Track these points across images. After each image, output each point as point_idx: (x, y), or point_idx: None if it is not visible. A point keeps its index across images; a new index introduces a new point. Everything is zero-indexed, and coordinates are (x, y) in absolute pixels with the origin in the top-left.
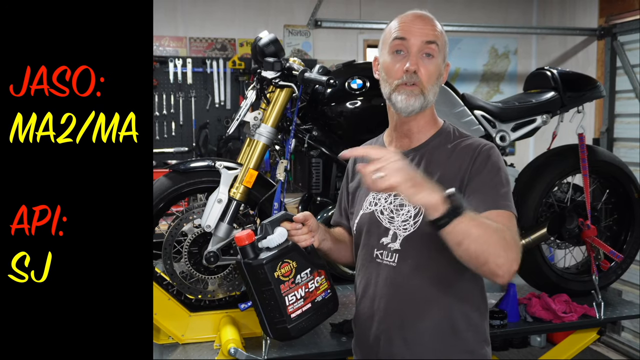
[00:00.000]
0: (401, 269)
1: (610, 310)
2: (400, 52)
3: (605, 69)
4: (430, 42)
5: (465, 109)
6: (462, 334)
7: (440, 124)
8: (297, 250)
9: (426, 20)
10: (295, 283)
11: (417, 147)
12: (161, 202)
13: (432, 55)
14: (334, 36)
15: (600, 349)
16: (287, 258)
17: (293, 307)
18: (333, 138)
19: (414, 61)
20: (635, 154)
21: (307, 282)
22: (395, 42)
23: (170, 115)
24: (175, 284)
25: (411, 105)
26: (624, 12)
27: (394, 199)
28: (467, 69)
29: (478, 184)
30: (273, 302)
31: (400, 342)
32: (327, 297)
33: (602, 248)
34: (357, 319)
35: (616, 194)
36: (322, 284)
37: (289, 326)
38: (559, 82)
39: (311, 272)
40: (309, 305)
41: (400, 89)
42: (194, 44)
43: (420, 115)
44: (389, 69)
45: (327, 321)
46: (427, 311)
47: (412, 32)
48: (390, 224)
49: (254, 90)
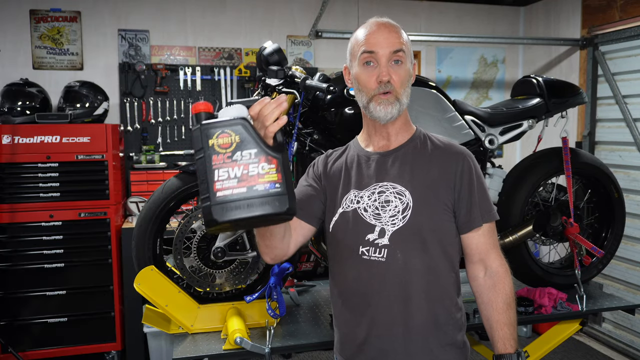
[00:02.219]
0: (391, 264)
1: (591, 302)
2: (370, 63)
3: (587, 77)
4: (397, 51)
5: (456, 114)
6: (443, 327)
7: (413, 128)
8: (246, 126)
9: (390, 28)
10: (233, 159)
11: (395, 148)
12: (172, 200)
13: (401, 61)
14: (334, 46)
15: (583, 338)
16: (230, 129)
17: (221, 185)
18: (333, 141)
19: (385, 72)
20: (615, 157)
21: (248, 163)
22: (364, 55)
23: (181, 120)
24: (185, 278)
25: (389, 113)
26: (605, 23)
27: (378, 196)
28: (458, 77)
29: (474, 196)
30: (202, 174)
31: (391, 339)
32: (272, 190)
33: (584, 244)
34: (342, 317)
35: (597, 194)
36: (270, 173)
37: (212, 205)
38: (544, 89)
39: (257, 154)
40: (243, 190)
41: (376, 99)
42: (203, 53)
43: (397, 118)
44: (362, 81)
45: (327, 312)
46: (417, 307)
47: (379, 44)
48: (377, 220)
49: (259, 97)
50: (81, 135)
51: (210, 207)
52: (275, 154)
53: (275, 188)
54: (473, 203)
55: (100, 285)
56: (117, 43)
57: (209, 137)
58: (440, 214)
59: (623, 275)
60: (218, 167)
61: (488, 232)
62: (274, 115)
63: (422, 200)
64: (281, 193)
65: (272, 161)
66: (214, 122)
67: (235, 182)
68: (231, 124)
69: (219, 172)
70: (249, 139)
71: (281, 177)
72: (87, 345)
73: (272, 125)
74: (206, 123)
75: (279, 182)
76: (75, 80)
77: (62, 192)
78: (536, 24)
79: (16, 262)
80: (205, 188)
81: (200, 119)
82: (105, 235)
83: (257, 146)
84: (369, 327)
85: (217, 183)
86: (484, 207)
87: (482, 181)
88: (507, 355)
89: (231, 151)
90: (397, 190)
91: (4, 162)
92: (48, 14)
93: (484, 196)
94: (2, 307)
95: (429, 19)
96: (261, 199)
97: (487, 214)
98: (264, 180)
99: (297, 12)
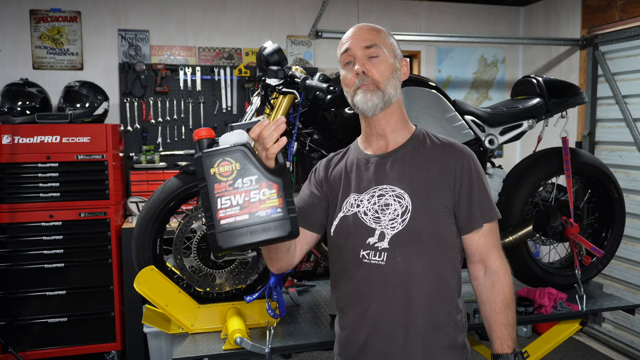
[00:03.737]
0: (390, 268)
1: (591, 302)
2: (349, 63)
3: (587, 77)
4: (369, 47)
5: (456, 114)
6: (444, 329)
7: (412, 127)
8: (246, 153)
9: (364, 28)
10: (234, 187)
11: (394, 150)
12: (172, 200)
13: (377, 56)
14: (334, 46)
15: (583, 338)
16: (230, 157)
17: (225, 213)
18: (332, 141)
19: (360, 63)
20: (615, 157)
21: (250, 190)
22: (343, 56)
23: (181, 120)
24: (185, 278)
25: (369, 99)
26: (605, 23)
27: (377, 199)
28: (458, 77)
29: (474, 197)
30: (206, 202)
31: (392, 341)
32: (274, 215)
33: (584, 244)
34: (343, 320)
35: (597, 194)
36: (271, 198)
37: (217, 233)
38: (544, 89)
39: (257, 180)
40: (246, 217)
41: (357, 92)
42: (203, 53)
43: (388, 112)
44: (345, 80)
45: (327, 312)
46: (417, 309)
47: (353, 42)
48: (377, 223)
49: (258, 97)
50: (81, 135)
51: (215, 234)
52: (275, 179)
53: (277, 213)
54: (473, 204)
55: (100, 285)
56: (117, 43)
57: (210, 165)
58: (440, 216)
59: (623, 275)
60: (220, 195)
61: (489, 232)
62: (274, 137)
63: (421, 203)
64: (282, 218)
65: (273, 186)
66: (214, 150)
67: (238, 210)
68: (231, 151)
69: (221, 200)
70: (249, 165)
71: (282, 201)
72: (87, 345)
73: (272, 147)
74: (207, 152)
75: (280, 206)
76: (75, 80)
77: (62, 192)
78: (536, 24)
79: (16, 262)
80: (209, 216)
81: (202, 146)
82: (105, 235)
83: (257, 172)
84: (369, 330)
85: (221, 211)
86: (484, 207)
87: (482, 180)
88: (504, 356)
89: (232, 179)
90: (396, 193)
91: (4, 162)
92: (48, 14)
93: (484, 195)
94: (2, 307)
95: (429, 19)
96: (263, 225)
97: (487, 214)
98: (265, 206)
99: (297, 12)
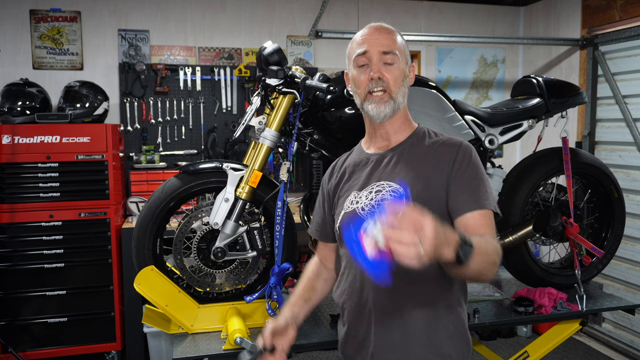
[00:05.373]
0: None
1: (591, 302)
2: (363, 65)
3: (587, 77)
4: (387, 52)
5: (456, 114)
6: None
7: (414, 126)
8: None
9: (382, 31)
10: None
11: (393, 147)
12: (172, 200)
13: (392, 63)
14: (334, 46)
15: (583, 338)
16: None
17: None
18: (332, 141)
19: (376, 69)
20: (615, 157)
21: None
22: (358, 57)
23: (181, 120)
24: (185, 278)
25: (382, 111)
26: (605, 23)
27: (375, 195)
28: (458, 77)
29: (462, 184)
30: None
31: (392, 334)
32: None
33: (584, 244)
34: (344, 316)
35: (597, 194)
36: None
37: None
38: (544, 89)
39: None
40: None
41: (369, 98)
42: (203, 53)
43: (395, 117)
44: (357, 81)
45: (327, 312)
46: (414, 302)
47: (371, 45)
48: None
49: (258, 97)
50: (81, 135)
51: None
52: None
53: None
54: (463, 190)
55: (100, 285)
56: (117, 43)
57: None
58: (436, 210)
59: (623, 275)
60: None
61: (480, 216)
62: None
63: (417, 197)
64: None
65: None
66: None
67: None
68: None
69: None
70: None
71: None
72: (87, 345)
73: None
74: None
75: None
76: (75, 80)
77: (62, 192)
78: (536, 24)
79: (16, 262)
80: None
81: None
82: (105, 235)
83: None
84: (368, 323)
85: None
86: (476, 194)
87: (477, 170)
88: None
89: None
90: (392, 188)
91: (4, 162)
92: (48, 14)
93: (477, 184)
94: (2, 307)
95: (429, 19)
96: None
97: (478, 201)
98: None
99: (297, 12)
